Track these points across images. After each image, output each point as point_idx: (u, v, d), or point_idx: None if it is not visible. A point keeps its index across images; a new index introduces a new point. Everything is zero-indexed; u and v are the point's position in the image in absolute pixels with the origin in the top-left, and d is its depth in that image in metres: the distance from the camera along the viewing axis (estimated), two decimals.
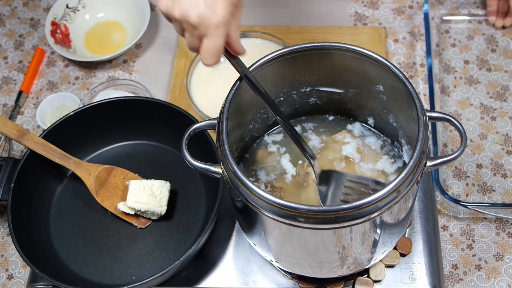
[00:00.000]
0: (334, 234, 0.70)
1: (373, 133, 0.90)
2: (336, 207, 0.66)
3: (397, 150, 0.87)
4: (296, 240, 0.74)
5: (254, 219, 0.75)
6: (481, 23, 1.19)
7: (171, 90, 1.14)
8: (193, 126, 0.76)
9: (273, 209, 0.67)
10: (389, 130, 0.87)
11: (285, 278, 0.90)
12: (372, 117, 0.89)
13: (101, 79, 1.20)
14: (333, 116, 0.92)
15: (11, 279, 1.01)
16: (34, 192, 0.95)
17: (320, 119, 0.92)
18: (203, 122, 0.77)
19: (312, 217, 0.66)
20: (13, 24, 1.30)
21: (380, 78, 0.79)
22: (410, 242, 0.90)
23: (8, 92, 1.21)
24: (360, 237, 0.72)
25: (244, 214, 0.78)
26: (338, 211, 0.65)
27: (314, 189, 0.84)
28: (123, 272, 0.92)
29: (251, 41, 1.11)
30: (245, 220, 0.80)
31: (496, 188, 1.01)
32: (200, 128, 0.77)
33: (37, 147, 0.93)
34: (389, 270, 0.89)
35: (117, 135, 1.03)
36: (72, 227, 0.96)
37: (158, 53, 1.22)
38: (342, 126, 0.91)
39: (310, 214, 0.66)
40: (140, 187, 0.92)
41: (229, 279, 0.91)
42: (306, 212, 0.66)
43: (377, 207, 0.66)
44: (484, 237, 0.98)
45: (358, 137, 0.89)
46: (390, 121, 0.85)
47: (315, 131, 0.91)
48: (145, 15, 1.20)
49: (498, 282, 0.94)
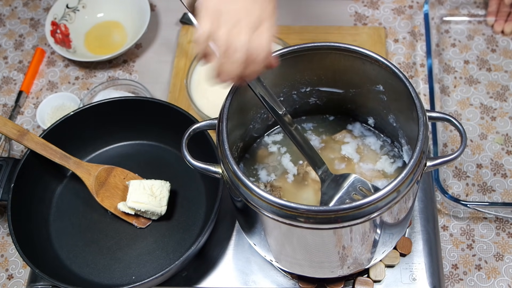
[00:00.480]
0: (334, 234, 0.70)
1: (373, 133, 0.90)
2: (336, 207, 0.66)
3: (397, 150, 0.87)
4: (296, 240, 0.74)
5: (254, 219, 0.75)
6: (481, 23, 1.19)
7: (171, 90, 1.14)
8: (193, 126, 0.76)
9: (273, 209, 0.67)
10: (389, 130, 0.87)
11: (285, 278, 0.90)
12: (372, 117, 0.89)
13: (101, 79, 1.20)
14: (333, 116, 0.92)
15: (11, 279, 1.01)
16: (34, 192, 0.95)
17: (320, 119, 0.92)
18: (203, 122, 0.77)
19: (312, 217, 0.66)
20: (13, 24, 1.30)
21: (380, 78, 0.79)
22: (410, 242, 0.90)
23: (8, 92, 1.21)
24: (360, 237, 0.72)
25: (244, 214, 0.78)
26: (338, 211, 0.65)
27: (314, 189, 0.84)
28: (123, 272, 0.92)
29: None
30: (245, 220, 0.80)
31: (496, 188, 1.01)
32: (200, 128, 0.77)
33: (37, 147, 0.93)
34: (389, 270, 0.89)
35: (117, 135, 1.03)
36: (72, 227, 0.96)
37: (158, 53, 1.22)
38: (342, 126, 0.91)
39: (310, 214, 0.66)
40: (140, 187, 0.92)
41: (229, 279, 0.91)
42: (306, 212, 0.66)
43: (377, 207, 0.66)
44: (484, 237, 0.97)
45: (358, 137, 0.89)
46: (390, 121, 0.85)
47: (315, 131, 0.91)
48: (145, 15, 1.20)
49: (498, 282, 0.94)
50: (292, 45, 0.78)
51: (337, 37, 1.17)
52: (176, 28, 1.24)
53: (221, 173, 0.73)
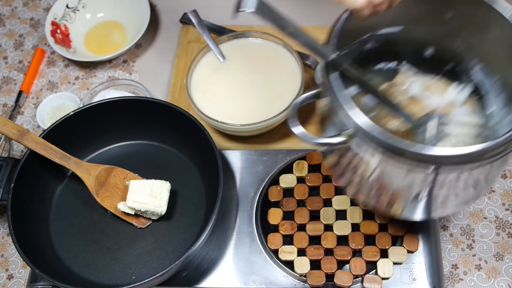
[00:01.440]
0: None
1: (428, 66, 0.85)
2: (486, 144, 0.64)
3: (463, 76, 0.84)
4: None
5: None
6: None
7: (171, 90, 1.14)
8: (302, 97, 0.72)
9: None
10: (449, 56, 0.83)
11: (285, 278, 0.90)
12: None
13: (101, 79, 1.20)
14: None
15: (11, 279, 1.01)
16: (34, 192, 0.95)
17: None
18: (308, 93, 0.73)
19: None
20: (13, 24, 1.30)
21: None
22: (417, 240, 0.90)
23: (8, 92, 1.21)
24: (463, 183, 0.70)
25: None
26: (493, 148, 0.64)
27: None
28: (123, 272, 0.92)
29: (251, 41, 1.12)
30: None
31: (496, 189, 1.01)
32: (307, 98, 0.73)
33: (37, 147, 0.93)
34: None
35: (117, 135, 1.03)
36: (72, 227, 0.96)
37: (158, 53, 1.22)
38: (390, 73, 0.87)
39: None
40: (140, 187, 0.92)
41: (229, 279, 0.91)
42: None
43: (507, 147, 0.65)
44: (484, 237, 0.98)
45: (415, 74, 0.86)
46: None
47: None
48: (145, 15, 1.20)
49: (498, 282, 0.94)
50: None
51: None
52: (176, 28, 1.24)
53: (347, 137, 0.68)
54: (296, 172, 0.96)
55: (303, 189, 0.94)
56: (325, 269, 0.88)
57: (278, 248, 0.90)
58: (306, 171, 0.96)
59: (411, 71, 0.87)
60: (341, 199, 0.93)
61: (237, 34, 1.11)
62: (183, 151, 1.01)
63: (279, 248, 0.90)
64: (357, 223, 0.91)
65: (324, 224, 0.91)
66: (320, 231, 0.91)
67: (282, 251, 0.90)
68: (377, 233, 0.90)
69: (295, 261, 0.89)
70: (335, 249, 0.89)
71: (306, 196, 0.94)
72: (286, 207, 0.93)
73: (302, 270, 0.88)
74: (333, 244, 0.89)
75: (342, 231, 0.90)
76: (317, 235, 0.91)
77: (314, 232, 0.91)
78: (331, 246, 0.89)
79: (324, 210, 0.92)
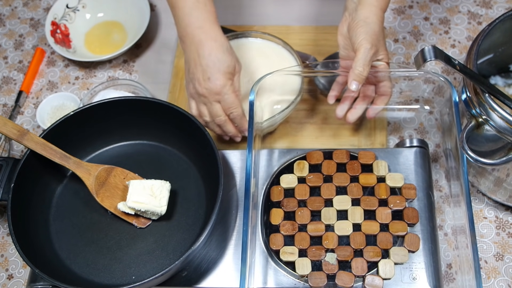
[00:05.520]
0: None
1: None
2: None
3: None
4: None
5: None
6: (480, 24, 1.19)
7: (171, 90, 1.14)
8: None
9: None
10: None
11: (286, 278, 0.90)
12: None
13: (101, 79, 1.20)
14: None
15: (11, 279, 1.01)
16: (34, 192, 0.95)
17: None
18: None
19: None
20: (13, 24, 1.30)
21: None
22: (419, 239, 0.89)
23: (8, 92, 1.21)
24: None
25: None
26: None
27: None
28: (123, 272, 0.92)
29: (251, 41, 1.12)
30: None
31: None
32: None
33: (37, 147, 0.93)
34: None
35: (117, 135, 1.03)
36: (72, 227, 0.96)
37: (158, 53, 1.22)
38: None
39: None
40: (140, 187, 0.92)
41: (229, 279, 0.91)
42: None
43: None
44: (484, 237, 0.98)
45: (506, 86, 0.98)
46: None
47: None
48: (145, 15, 1.20)
49: (498, 282, 0.94)
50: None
51: (337, 37, 1.16)
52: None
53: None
54: (296, 172, 0.96)
55: (304, 189, 0.94)
56: (326, 270, 0.88)
57: (279, 248, 0.90)
58: (307, 171, 0.96)
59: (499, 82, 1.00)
60: (342, 199, 0.93)
61: (237, 34, 1.11)
62: (183, 151, 1.01)
63: (280, 248, 0.90)
64: (358, 223, 0.91)
65: (325, 224, 0.91)
66: (321, 231, 0.91)
67: (283, 252, 0.90)
68: (378, 233, 0.90)
69: (296, 262, 0.89)
70: (336, 249, 0.89)
71: (307, 196, 0.94)
72: (287, 207, 0.93)
73: (303, 271, 0.88)
74: (334, 245, 0.89)
75: (343, 231, 0.90)
76: (318, 235, 0.91)
77: (315, 232, 0.91)
78: (332, 247, 0.89)
79: (325, 210, 0.92)
